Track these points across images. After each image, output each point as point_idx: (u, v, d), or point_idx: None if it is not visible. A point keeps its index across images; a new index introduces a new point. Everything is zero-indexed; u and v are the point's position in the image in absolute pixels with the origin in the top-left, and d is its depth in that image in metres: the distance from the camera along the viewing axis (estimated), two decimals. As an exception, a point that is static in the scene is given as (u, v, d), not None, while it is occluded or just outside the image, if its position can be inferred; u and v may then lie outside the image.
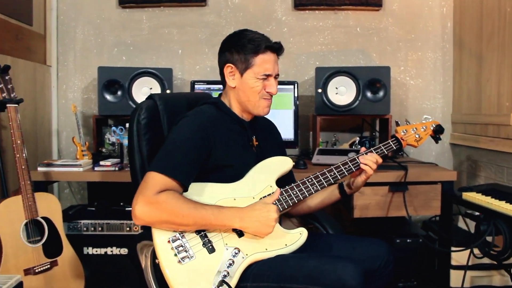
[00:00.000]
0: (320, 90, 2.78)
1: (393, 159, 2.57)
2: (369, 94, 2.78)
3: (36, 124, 2.84)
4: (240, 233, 1.60)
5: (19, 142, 2.13)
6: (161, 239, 1.53)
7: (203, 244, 1.55)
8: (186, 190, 1.59)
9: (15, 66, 2.61)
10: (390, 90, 2.76)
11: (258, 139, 1.83)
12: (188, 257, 1.52)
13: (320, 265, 1.51)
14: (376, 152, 1.86)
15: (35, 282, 2.08)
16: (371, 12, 3.06)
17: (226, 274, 1.52)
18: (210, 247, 1.55)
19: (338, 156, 2.57)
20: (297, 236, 1.66)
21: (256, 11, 3.09)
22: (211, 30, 3.08)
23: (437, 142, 2.06)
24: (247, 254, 1.57)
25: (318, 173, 1.76)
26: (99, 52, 3.09)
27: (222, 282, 1.48)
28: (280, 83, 2.76)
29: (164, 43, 3.09)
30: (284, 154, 1.93)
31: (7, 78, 2.17)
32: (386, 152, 1.91)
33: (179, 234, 1.54)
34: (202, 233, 1.56)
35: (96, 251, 2.42)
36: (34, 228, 2.13)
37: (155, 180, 1.52)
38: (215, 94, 2.68)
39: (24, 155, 2.14)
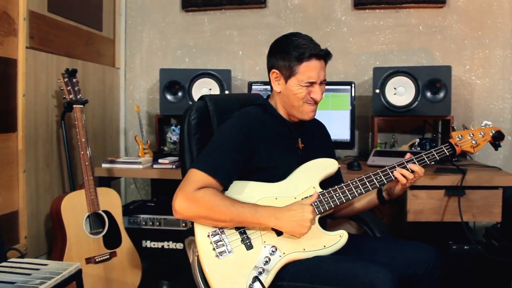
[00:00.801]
0: (378, 91, 2.73)
1: (452, 162, 2.48)
2: (428, 94, 2.68)
3: (104, 123, 3.04)
4: (278, 232, 1.62)
5: (83, 140, 2.29)
6: (201, 233, 1.60)
7: (241, 240, 1.59)
8: (226, 189, 1.64)
9: (85, 69, 2.81)
10: (452, 90, 2.66)
11: (304, 141, 1.83)
12: (226, 252, 1.57)
13: (353, 268, 1.50)
14: (427, 157, 1.82)
15: (95, 271, 2.24)
16: (434, 9, 2.95)
17: (261, 271, 1.55)
18: (248, 243, 1.59)
19: (395, 157, 2.50)
20: (337, 238, 1.65)
21: (316, 11, 3.09)
22: (271, 31, 3.12)
23: (496, 149, 1.97)
24: (284, 253, 1.60)
25: (363, 176, 1.74)
26: (164, 54, 3.24)
27: (256, 278, 1.52)
28: (337, 83, 2.77)
29: (224, 45, 3.18)
30: (332, 157, 1.93)
31: (74, 81, 2.34)
32: (437, 158, 1.85)
33: (219, 229, 1.60)
34: (241, 229, 1.61)
35: (154, 244, 2.54)
36: (95, 220, 2.29)
37: (196, 177, 1.59)
38: (271, 95, 2.75)
39: (88, 152, 2.30)
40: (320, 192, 1.69)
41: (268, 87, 2.72)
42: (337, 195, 1.71)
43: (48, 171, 2.49)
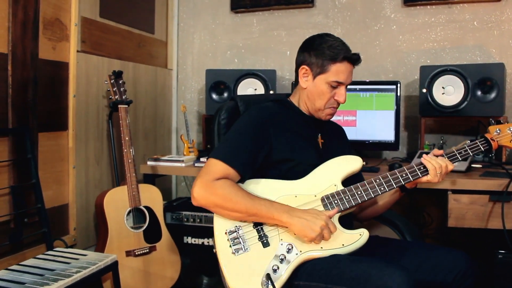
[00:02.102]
0: (424, 90, 2.63)
1: (501, 165, 2.33)
2: (479, 93, 2.54)
3: (156, 122, 3.17)
4: (297, 230, 1.62)
5: (127, 138, 2.41)
6: (219, 230, 1.64)
7: (259, 238, 1.61)
8: (244, 178, 1.67)
9: (136, 71, 2.96)
10: (505, 89, 2.49)
11: (324, 137, 1.83)
12: (242, 249, 1.59)
13: (368, 269, 1.47)
14: (459, 153, 1.76)
15: (135, 263, 2.35)
16: (490, 4, 2.78)
17: (276, 268, 1.56)
18: (265, 241, 1.60)
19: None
20: (356, 237, 1.62)
21: (364, 9, 3.02)
22: (319, 30, 3.03)
23: (488, 156, 1.85)
24: (301, 251, 1.59)
25: (387, 173, 1.71)
26: (213, 55, 3.32)
27: (268, 276, 1.53)
28: (382, 83, 2.70)
29: (273, 45, 3.20)
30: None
31: (120, 82, 2.47)
32: (471, 154, 1.79)
33: (237, 226, 1.63)
34: (259, 227, 1.62)
35: (195, 241, 2.61)
36: (137, 215, 2.40)
37: (214, 166, 1.64)
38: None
39: (131, 150, 2.42)
40: (341, 190, 1.68)
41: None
42: (359, 193, 1.68)
43: (98, 167, 2.65)
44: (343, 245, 1.61)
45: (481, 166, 2.48)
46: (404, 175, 1.71)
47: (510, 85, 2.77)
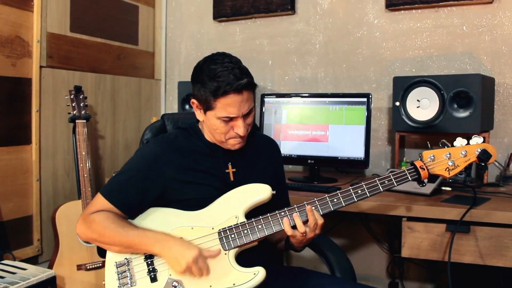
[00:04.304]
0: (398, 103, 2.42)
1: (473, 188, 2.08)
2: (455, 108, 2.30)
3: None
4: (187, 266, 1.55)
5: (83, 153, 2.44)
6: (109, 261, 1.59)
7: (147, 272, 1.54)
8: (128, 216, 1.61)
9: (116, 83, 2.98)
10: (480, 103, 2.22)
11: (237, 165, 1.69)
12: (129, 284, 1.53)
13: None
14: (381, 182, 1.59)
15: (86, 277, 2.37)
16: (481, 6, 2.51)
17: (160, 305, 1.50)
18: (153, 276, 1.53)
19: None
20: (250, 276, 1.51)
21: (346, 15, 2.84)
22: (300, 39, 2.96)
23: (482, 171, 1.64)
24: (187, 289, 1.52)
25: (268, 215, 1.57)
26: (200, 65, 3.27)
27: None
28: (351, 95, 2.52)
29: (255, 54, 3.10)
30: (278, 181, 1.77)
31: (80, 97, 2.50)
32: (395, 184, 1.61)
33: (127, 259, 1.57)
34: (149, 260, 1.55)
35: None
36: (89, 229, 2.42)
37: (97, 200, 1.59)
38: (284, 108, 2.62)
39: (87, 164, 2.44)
40: (241, 223, 1.57)
41: (282, 99, 2.65)
42: (260, 227, 1.56)
43: (68, 179, 2.70)
44: (234, 284, 1.50)
45: (450, 189, 2.25)
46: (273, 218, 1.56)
47: (503, 96, 2.49)
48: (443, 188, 2.24)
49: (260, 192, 1.62)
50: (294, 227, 1.54)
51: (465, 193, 2.18)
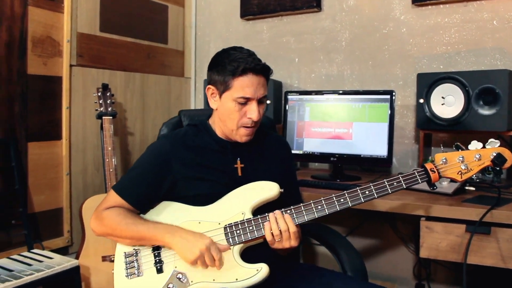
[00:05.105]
0: (422, 100, 2.36)
1: (499, 188, 1.99)
2: (480, 105, 2.22)
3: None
4: (192, 259, 1.58)
5: (109, 148, 2.52)
6: (119, 252, 1.65)
7: (154, 263, 1.59)
8: (139, 210, 1.66)
9: (145, 81, 3.06)
10: (507, 99, 2.13)
11: (246, 161, 1.72)
12: (135, 274, 1.59)
13: None
14: (389, 184, 1.56)
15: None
16: (512, 0, 2.41)
17: (164, 296, 1.53)
18: (159, 267, 1.58)
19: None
20: (252, 272, 1.52)
21: (372, 12, 2.80)
22: (326, 36, 2.93)
23: (497, 177, 1.58)
24: (192, 281, 1.54)
25: (259, 217, 1.59)
26: (228, 63, 3.30)
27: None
28: (374, 92, 2.48)
29: (282, 52, 3.10)
30: (287, 180, 1.77)
31: (107, 94, 2.58)
32: (404, 186, 1.58)
33: (135, 249, 1.63)
34: (156, 251, 1.60)
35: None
36: (114, 222, 2.50)
37: (110, 197, 1.66)
38: (307, 106, 2.61)
39: (113, 160, 2.52)
40: (247, 219, 1.58)
41: (305, 96, 2.64)
42: (251, 228, 1.58)
43: (98, 174, 2.79)
44: (236, 279, 1.52)
45: (474, 189, 2.17)
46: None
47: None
48: (467, 188, 2.17)
49: (268, 189, 1.64)
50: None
51: (490, 193, 2.10)
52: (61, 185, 2.62)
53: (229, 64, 1.59)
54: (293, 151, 2.61)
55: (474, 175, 2.28)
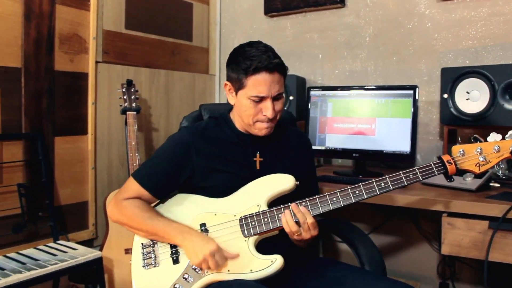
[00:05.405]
0: (446, 96, 2.32)
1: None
2: (507, 99, 2.16)
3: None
4: (208, 250, 1.59)
5: (133, 143, 2.56)
6: (136, 243, 1.69)
7: (170, 254, 1.62)
8: (157, 198, 1.68)
9: (169, 77, 3.11)
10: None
11: (266, 155, 1.73)
12: (152, 265, 1.63)
13: None
14: (406, 176, 1.55)
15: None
16: (542, -8, 2.34)
17: (179, 286, 1.55)
18: (175, 258, 1.61)
19: (455, 176, 2.11)
20: (267, 263, 1.53)
21: (396, 6, 2.76)
22: (350, 31, 2.91)
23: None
24: (207, 272, 1.56)
25: (274, 209, 1.60)
26: (252, 60, 3.31)
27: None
28: (397, 87, 2.44)
29: (306, 49, 3.09)
30: (306, 175, 1.77)
31: (131, 90, 2.63)
32: (420, 178, 1.57)
33: (153, 241, 1.66)
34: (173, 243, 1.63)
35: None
36: (137, 216, 2.54)
37: (130, 185, 1.70)
38: (329, 101, 2.60)
39: (137, 155, 2.56)
40: (262, 211, 1.59)
41: (327, 92, 2.63)
42: (280, 215, 1.58)
43: (122, 169, 2.85)
44: (251, 270, 1.53)
45: (499, 185, 2.11)
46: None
47: None
48: (492, 184, 2.12)
49: (283, 182, 1.65)
50: (298, 222, 1.55)
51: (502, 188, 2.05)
52: (87, 179, 2.68)
53: (243, 62, 1.60)
54: (315, 147, 2.61)
55: (500, 172, 2.26)
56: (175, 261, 1.60)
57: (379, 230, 2.81)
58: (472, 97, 2.27)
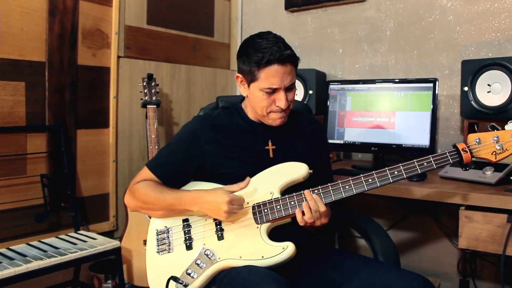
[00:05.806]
0: (466, 88, 2.28)
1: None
2: (529, 92, 2.11)
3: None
4: (220, 236, 1.61)
5: (153, 136, 2.60)
6: (151, 229, 1.71)
7: (184, 240, 1.64)
8: (170, 186, 1.70)
9: (191, 73, 3.14)
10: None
11: (278, 143, 1.73)
12: (166, 250, 1.65)
13: (252, 277, 1.43)
14: (420, 165, 1.54)
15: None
16: None
17: (191, 272, 1.57)
18: (188, 244, 1.63)
19: (474, 170, 2.09)
20: (278, 250, 1.54)
21: (418, 0, 2.72)
22: (370, 26, 2.88)
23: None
24: (219, 258, 1.58)
25: (302, 192, 1.60)
26: (273, 55, 3.32)
27: (171, 278, 1.54)
28: (417, 81, 2.42)
29: (326, 43, 3.08)
30: (320, 162, 1.77)
31: (152, 84, 2.67)
32: (434, 167, 1.55)
33: (167, 227, 1.68)
34: (187, 229, 1.65)
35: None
36: (156, 207, 2.58)
37: (143, 173, 1.73)
38: (348, 95, 2.59)
39: (156, 148, 2.60)
40: (275, 198, 1.60)
41: (346, 86, 2.62)
42: (292, 203, 1.59)
43: (143, 162, 2.88)
44: (262, 257, 1.54)
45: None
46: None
47: None
48: (512, 178, 2.07)
49: (297, 170, 1.65)
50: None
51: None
52: (108, 171, 2.74)
53: (254, 54, 1.59)
54: (334, 141, 2.60)
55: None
56: (188, 247, 1.62)
57: (399, 225, 2.78)
58: (494, 90, 2.22)
